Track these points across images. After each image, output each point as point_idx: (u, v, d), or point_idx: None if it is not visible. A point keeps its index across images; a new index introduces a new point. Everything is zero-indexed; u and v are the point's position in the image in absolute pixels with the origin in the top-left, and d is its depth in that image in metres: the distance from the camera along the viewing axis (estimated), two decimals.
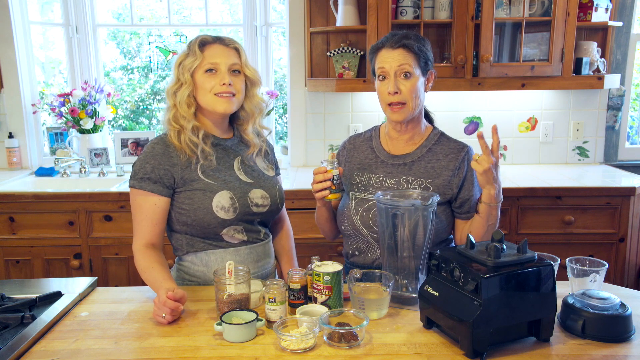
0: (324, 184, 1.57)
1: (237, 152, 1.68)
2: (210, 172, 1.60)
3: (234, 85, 1.56)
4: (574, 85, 2.88)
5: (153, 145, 1.59)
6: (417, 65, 1.61)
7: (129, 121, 4.45)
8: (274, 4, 3.40)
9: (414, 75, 1.60)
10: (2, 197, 2.66)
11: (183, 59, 1.58)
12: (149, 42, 3.54)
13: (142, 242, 1.56)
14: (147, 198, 1.56)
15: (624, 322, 1.25)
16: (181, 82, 1.57)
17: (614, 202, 2.63)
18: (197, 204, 1.57)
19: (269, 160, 1.77)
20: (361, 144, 1.79)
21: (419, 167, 1.68)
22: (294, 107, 3.22)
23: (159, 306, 1.35)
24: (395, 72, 1.59)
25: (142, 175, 1.56)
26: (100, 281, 2.27)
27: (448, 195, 1.66)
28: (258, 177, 1.68)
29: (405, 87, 1.59)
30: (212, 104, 1.57)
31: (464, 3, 2.71)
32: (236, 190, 1.60)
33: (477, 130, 3.20)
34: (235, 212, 1.58)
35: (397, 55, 1.60)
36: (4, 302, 1.47)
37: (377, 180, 1.70)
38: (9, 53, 3.11)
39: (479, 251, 1.25)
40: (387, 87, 1.60)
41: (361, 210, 1.68)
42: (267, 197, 1.66)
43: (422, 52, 1.62)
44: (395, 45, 1.60)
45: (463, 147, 1.70)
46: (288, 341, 1.22)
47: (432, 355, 1.21)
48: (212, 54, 1.56)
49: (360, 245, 1.71)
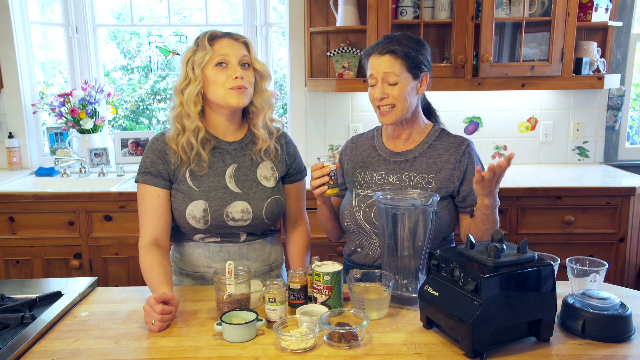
0: (322, 179, 1.57)
1: (236, 158, 1.63)
2: (198, 177, 1.59)
3: (245, 78, 1.55)
4: (574, 85, 2.88)
5: (153, 140, 1.62)
6: (406, 70, 1.60)
7: (129, 121, 4.44)
8: (274, 4, 3.40)
9: (400, 81, 1.60)
10: (2, 197, 2.66)
11: (191, 54, 1.55)
12: (149, 42, 3.53)
13: (147, 237, 1.55)
14: (150, 191, 1.58)
15: (624, 322, 1.25)
16: (190, 79, 1.55)
17: (614, 202, 2.63)
18: (176, 205, 1.59)
19: (276, 168, 1.68)
20: (363, 142, 1.80)
21: (421, 163, 1.68)
22: (294, 107, 3.22)
23: (149, 312, 1.33)
24: (382, 78, 1.61)
25: (144, 169, 1.59)
26: (100, 281, 2.27)
27: (450, 189, 1.66)
28: (249, 187, 1.62)
29: (392, 92, 1.60)
30: (225, 98, 1.54)
31: (464, 3, 2.71)
32: (214, 202, 1.58)
33: (476, 128, 3.21)
34: (206, 224, 1.58)
35: (384, 62, 1.60)
36: (4, 302, 1.47)
37: (379, 177, 1.70)
38: (9, 53, 3.11)
39: (479, 251, 1.25)
40: (374, 93, 1.63)
41: (364, 207, 1.68)
42: (249, 212, 1.60)
43: (409, 57, 1.60)
44: (383, 51, 1.61)
45: (463, 140, 1.70)
46: (288, 341, 1.22)
47: (432, 355, 1.21)
48: (221, 47, 1.54)
49: (362, 241, 1.71)
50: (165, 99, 4.39)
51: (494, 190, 1.50)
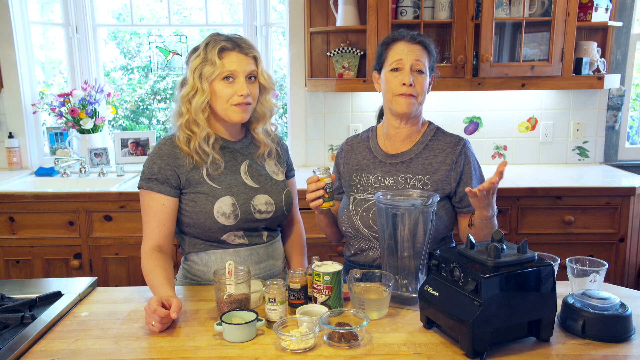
0: (317, 192, 1.56)
1: (246, 156, 1.66)
2: (215, 176, 1.59)
3: (250, 93, 1.55)
4: (574, 85, 2.88)
5: (160, 145, 1.59)
6: (428, 65, 1.65)
7: (129, 121, 4.44)
8: (274, 4, 3.40)
9: (425, 73, 1.64)
10: (2, 197, 2.67)
11: (199, 63, 1.53)
12: (149, 42, 3.53)
13: (150, 244, 1.54)
14: (155, 198, 1.55)
15: (624, 322, 1.25)
16: (197, 89, 1.54)
17: (614, 202, 2.63)
18: (199, 208, 1.56)
19: (280, 164, 1.74)
20: (358, 144, 1.79)
21: (417, 165, 1.68)
22: (294, 107, 3.22)
23: (149, 314, 1.32)
24: (412, 66, 1.61)
25: (149, 175, 1.56)
26: (100, 281, 2.27)
27: (447, 190, 1.66)
28: (265, 181, 1.66)
29: (419, 81, 1.62)
30: (227, 114, 1.56)
31: (464, 3, 2.71)
32: (239, 196, 1.59)
33: (477, 130, 3.21)
34: (236, 219, 1.57)
35: (415, 50, 1.62)
36: (4, 302, 1.47)
37: (375, 180, 1.70)
38: (9, 53, 3.11)
39: (479, 251, 1.25)
40: (400, 79, 1.61)
41: (361, 211, 1.68)
42: (272, 203, 1.64)
43: (433, 54, 1.67)
44: (414, 40, 1.64)
45: (459, 140, 1.70)
46: (288, 341, 1.22)
47: (432, 355, 1.21)
48: (230, 62, 1.53)
49: (362, 245, 1.71)
50: (165, 99, 4.39)
51: (491, 201, 1.50)
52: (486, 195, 1.45)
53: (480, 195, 1.44)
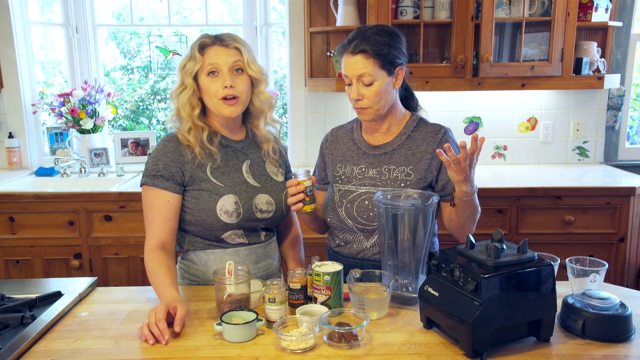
0: (297, 196, 1.55)
1: (247, 155, 1.67)
2: (219, 174, 1.59)
3: (237, 86, 1.55)
4: (574, 85, 2.88)
5: (165, 142, 1.60)
6: (379, 68, 1.57)
7: (129, 121, 4.45)
8: (274, 4, 3.40)
9: (376, 79, 1.57)
10: (2, 197, 2.67)
11: (186, 61, 1.57)
12: (149, 42, 3.54)
13: (154, 242, 1.53)
14: (160, 195, 1.55)
15: (624, 322, 1.25)
16: (185, 85, 1.57)
17: (614, 202, 2.63)
18: (202, 205, 1.56)
19: (279, 164, 1.75)
20: (343, 136, 1.79)
21: (400, 155, 1.67)
22: (294, 107, 3.22)
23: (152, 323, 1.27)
24: (357, 79, 1.58)
25: (154, 172, 1.55)
26: (100, 281, 2.26)
27: (429, 179, 1.65)
28: (266, 181, 1.67)
29: (368, 92, 1.58)
30: (218, 109, 1.57)
31: (464, 3, 2.71)
32: (242, 195, 1.59)
33: (476, 131, 3.21)
34: (239, 217, 1.58)
35: (357, 62, 1.57)
36: (4, 302, 1.47)
37: (359, 172, 1.70)
38: (9, 53, 3.11)
39: (479, 251, 1.25)
40: (351, 93, 1.61)
41: (345, 202, 1.68)
42: (273, 203, 1.65)
43: (382, 55, 1.56)
44: (355, 51, 1.57)
45: (440, 128, 1.69)
46: (288, 341, 1.22)
47: (432, 355, 1.21)
48: (211, 56, 1.55)
49: (347, 236, 1.71)
50: (165, 99, 4.40)
51: (469, 175, 1.45)
52: (462, 165, 1.41)
53: (456, 165, 1.40)
